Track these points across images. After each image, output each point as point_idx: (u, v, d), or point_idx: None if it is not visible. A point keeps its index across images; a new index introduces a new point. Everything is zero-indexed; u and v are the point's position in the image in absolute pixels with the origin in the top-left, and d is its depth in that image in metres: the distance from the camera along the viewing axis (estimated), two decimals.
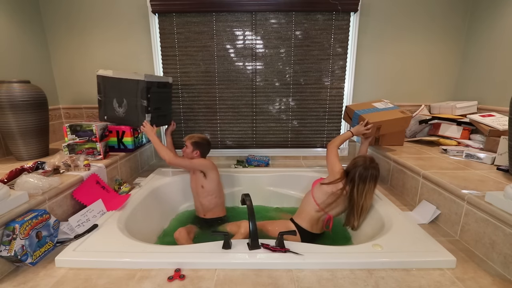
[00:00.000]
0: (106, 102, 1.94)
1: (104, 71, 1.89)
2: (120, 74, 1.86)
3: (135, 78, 1.81)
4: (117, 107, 1.91)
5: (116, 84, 1.87)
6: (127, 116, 1.91)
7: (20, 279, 1.02)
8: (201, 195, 1.85)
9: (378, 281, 0.99)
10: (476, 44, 2.29)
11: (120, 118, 1.93)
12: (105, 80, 1.90)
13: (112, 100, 1.91)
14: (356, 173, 1.47)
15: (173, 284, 0.99)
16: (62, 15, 2.34)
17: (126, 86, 1.85)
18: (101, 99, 1.95)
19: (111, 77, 1.87)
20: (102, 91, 1.93)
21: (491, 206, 1.12)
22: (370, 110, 1.91)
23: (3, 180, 1.31)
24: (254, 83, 2.44)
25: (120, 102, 1.90)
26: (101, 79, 1.90)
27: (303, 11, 2.26)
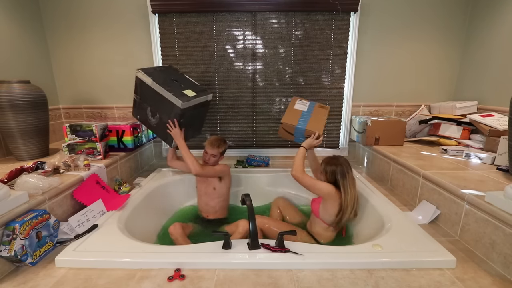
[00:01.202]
0: (141, 105, 1.81)
1: (144, 75, 1.71)
2: (158, 88, 1.68)
3: (171, 100, 1.66)
4: (150, 115, 1.79)
5: (152, 94, 1.71)
6: (158, 128, 1.81)
7: (20, 279, 1.02)
8: (210, 196, 1.84)
9: (378, 281, 0.99)
10: (476, 44, 2.29)
11: (151, 126, 1.84)
12: (143, 85, 1.73)
13: (147, 107, 1.79)
14: (339, 178, 1.46)
15: (173, 284, 0.99)
16: (62, 15, 2.33)
17: (162, 101, 1.70)
18: (137, 100, 1.83)
19: (148, 85, 1.70)
20: (139, 93, 1.79)
21: (491, 206, 1.12)
22: (304, 118, 1.78)
23: (3, 180, 1.31)
24: (254, 83, 2.44)
25: (154, 113, 1.77)
26: (139, 81, 1.75)
27: (303, 11, 2.27)
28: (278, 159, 2.55)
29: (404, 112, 2.55)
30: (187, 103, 1.66)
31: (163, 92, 1.67)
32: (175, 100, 1.64)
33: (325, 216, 1.50)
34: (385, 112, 2.55)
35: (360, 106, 2.53)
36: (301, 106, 1.87)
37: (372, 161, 2.24)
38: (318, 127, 1.73)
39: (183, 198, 2.07)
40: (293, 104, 1.86)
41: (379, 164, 2.09)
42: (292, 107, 1.84)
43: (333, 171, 1.48)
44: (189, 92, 1.75)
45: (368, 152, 2.31)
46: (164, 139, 1.86)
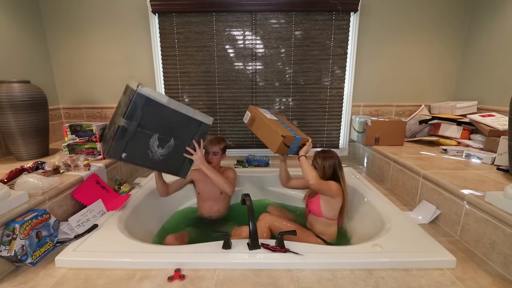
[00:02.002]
0: (137, 135, 1.27)
1: (152, 91, 1.24)
2: (179, 106, 1.33)
3: (198, 118, 1.39)
4: (155, 146, 1.33)
5: (167, 116, 1.31)
6: (166, 161, 1.39)
7: (20, 279, 1.02)
8: (216, 200, 1.79)
9: (378, 281, 0.99)
10: (476, 44, 2.29)
11: (151, 160, 1.36)
12: (149, 105, 1.25)
13: (151, 135, 1.31)
14: (338, 169, 1.52)
15: (173, 284, 0.99)
16: (62, 15, 2.33)
17: (182, 123, 1.37)
18: (127, 127, 1.23)
19: (164, 105, 1.28)
20: (137, 118, 1.24)
21: (491, 206, 1.12)
22: (286, 126, 1.66)
23: (3, 180, 1.31)
24: (254, 83, 2.44)
25: (164, 140, 1.35)
26: (142, 100, 1.22)
27: (303, 11, 2.27)
28: (278, 159, 2.53)
29: (404, 112, 2.55)
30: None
31: (186, 110, 1.35)
32: (203, 117, 1.41)
33: (329, 213, 1.51)
34: (385, 112, 2.55)
35: (360, 106, 2.53)
36: (270, 115, 1.70)
37: (372, 161, 2.24)
38: (302, 133, 1.70)
39: (182, 198, 2.07)
40: (264, 115, 1.63)
41: (379, 164, 2.09)
42: (268, 118, 1.62)
43: (332, 164, 1.51)
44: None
45: (368, 152, 2.31)
46: (175, 171, 1.46)
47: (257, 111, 1.66)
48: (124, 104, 1.26)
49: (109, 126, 1.44)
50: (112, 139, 1.24)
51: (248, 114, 1.69)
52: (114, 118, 1.39)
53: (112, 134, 1.27)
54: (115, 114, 1.41)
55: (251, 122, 1.67)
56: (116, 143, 1.24)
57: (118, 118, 1.26)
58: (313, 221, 1.58)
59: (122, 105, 1.29)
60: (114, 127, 1.27)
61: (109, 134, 1.35)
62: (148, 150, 1.33)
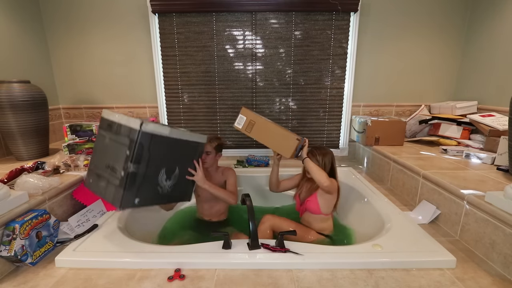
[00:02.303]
0: (147, 176, 1.17)
1: (154, 125, 1.12)
2: (179, 133, 1.26)
3: (194, 140, 1.38)
4: (164, 180, 1.27)
5: (171, 147, 1.25)
6: (174, 190, 1.35)
7: (20, 279, 1.02)
8: (217, 201, 1.73)
9: (378, 281, 0.99)
10: (476, 44, 2.29)
11: (162, 196, 1.30)
12: (156, 141, 1.15)
13: (159, 171, 1.23)
14: (334, 163, 1.57)
15: (173, 284, 0.99)
16: (62, 15, 2.33)
17: (184, 149, 1.34)
18: (137, 171, 1.11)
19: (167, 137, 1.20)
20: (144, 159, 1.13)
21: (491, 206, 1.12)
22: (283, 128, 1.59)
23: (3, 180, 1.31)
24: (254, 83, 2.44)
25: (170, 172, 1.29)
26: (148, 139, 1.11)
27: (303, 11, 2.27)
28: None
29: (404, 112, 2.55)
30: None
31: (185, 135, 1.30)
32: (199, 137, 1.39)
33: (327, 209, 1.54)
34: (385, 112, 2.55)
35: (360, 106, 2.53)
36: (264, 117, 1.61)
37: (372, 161, 2.24)
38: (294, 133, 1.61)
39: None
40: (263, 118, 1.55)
41: (379, 164, 2.09)
42: (270, 121, 1.55)
43: (330, 159, 1.54)
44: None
45: (368, 152, 2.31)
46: (183, 197, 1.44)
47: (254, 114, 1.56)
48: (121, 145, 1.10)
49: (97, 169, 1.20)
50: (122, 189, 1.08)
51: (243, 118, 1.55)
52: (102, 159, 1.18)
53: (117, 182, 1.10)
54: (101, 155, 1.19)
55: (248, 127, 1.55)
56: (128, 192, 1.10)
57: (118, 163, 1.10)
58: (310, 219, 1.58)
59: (116, 146, 1.12)
60: (117, 174, 1.11)
61: (110, 181, 1.13)
62: (157, 187, 1.25)
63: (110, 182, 1.13)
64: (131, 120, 1.10)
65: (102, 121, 1.21)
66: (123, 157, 1.09)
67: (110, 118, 1.17)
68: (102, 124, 1.21)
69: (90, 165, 1.23)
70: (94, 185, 1.20)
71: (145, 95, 2.49)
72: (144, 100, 2.50)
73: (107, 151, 1.16)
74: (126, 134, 1.10)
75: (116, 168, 1.11)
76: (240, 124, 1.56)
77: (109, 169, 1.14)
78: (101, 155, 1.19)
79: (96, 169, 1.20)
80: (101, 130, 1.20)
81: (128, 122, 1.11)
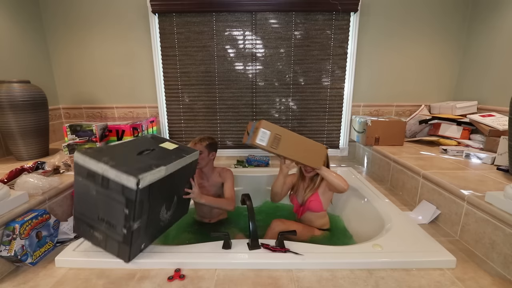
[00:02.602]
0: (149, 221, 1.09)
1: (150, 173, 0.99)
2: (174, 165, 1.13)
3: (190, 160, 1.27)
4: (165, 213, 1.21)
5: (168, 183, 1.15)
6: (174, 215, 1.29)
7: (20, 279, 1.02)
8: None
9: (378, 281, 0.99)
10: (476, 44, 2.29)
11: (164, 227, 1.25)
12: (154, 188, 1.04)
13: (160, 210, 1.16)
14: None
15: (173, 284, 0.99)
16: (62, 15, 2.33)
17: (180, 175, 1.23)
18: (140, 224, 1.03)
19: (164, 177, 1.08)
20: (145, 210, 1.04)
21: (491, 206, 1.12)
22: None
23: (3, 180, 1.31)
24: (254, 83, 2.44)
25: (170, 203, 1.23)
26: (146, 192, 1.00)
27: (303, 11, 2.27)
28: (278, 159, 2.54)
29: (404, 112, 2.55)
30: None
31: (180, 162, 1.18)
32: (192, 155, 1.27)
33: (327, 205, 1.59)
34: (385, 112, 2.55)
35: (360, 106, 2.53)
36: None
37: (372, 161, 2.24)
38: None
39: None
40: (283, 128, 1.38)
41: (379, 164, 2.09)
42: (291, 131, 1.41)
43: (326, 156, 1.53)
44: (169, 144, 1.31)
45: (368, 152, 2.31)
46: (180, 216, 1.39)
47: (276, 126, 1.32)
48: (116, 202, 0.98)
49: (86, 219, 1.08)
50: (128, 245, 1.02)
51: (267, 133, 1.29)
52: (91, 210, 1.05)
53: (120, 238, 1.02)
54: (89, 205, 1.05)
55: (274, 143, 1.30)
56: (134, 245, 1.04)
57: (116, 220, 1.00)
58: (312, 218, 1.58)
59: (108, 201, 0.99)
60: (118, 230, 1.01)
61: (109, 235, 1.04)
62: (160, 222, 1.19)
63: (109, 236, 1.03)
64: (121, 176, 0.93)
65: (78, 167, 1.02)
66: (121, 215, 0.98)
67: (90, 167, 0.98)
68: (79, 170, 1.02)
69: (74, 212, 1.07)
70: (88, 235, 1.09)
71: (145, 95, 2.49)
72: (144, 100, 2.50)
73: (95, 203, 1.02)
74: (118, 191, 0.95)
75: (115, 224, 1.01)
76: (263, 141, 1.28)
77: (105, 223, 1.02)
78: (89, 205, 1.04)
79: (85, 218, 1.07)
80: (80, 177, 1.02)
81: (118, 177, 0.94)
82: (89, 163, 0.99)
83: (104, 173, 0.96)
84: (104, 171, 0.96)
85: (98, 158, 0.98)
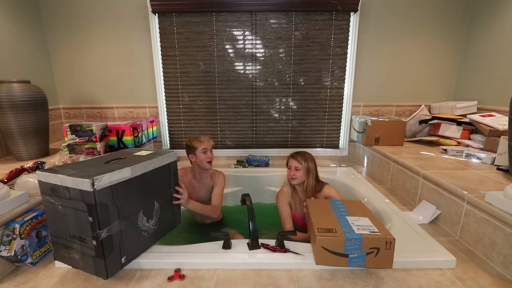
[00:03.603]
0: (124, 231, 1.01)
1: (109, 175, 0.94)
2: (143, 166, 1.08)
3: (166, 162, 1.21)
4: (145, 222, 1.12)
5: (139, 186, 1.07)
6: (160, 226, 1.21)
7: (20, 279, 1.02)
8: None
9: (378, 281, 0.99)
10: (476, 44, 2.29)
11: (149, 239, 1.15)
12: (119, 190, 0.98)
13: (137, 217, 1.08)
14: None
15: (173, 284, 0.99)
16: (62, 15, 2.33)
17: (156, 179, 1.17)
18: (111, 233, 0.96)
19: (130, 178, 1.02)
20: (113, 216, 0.97)
21: (491, 206, 1.12)
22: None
23: (3, 180, 1.31)
24: (254, 83, 2.44)
25: (150, 210, 1.14)
26: (108, 194, 0.94)
27: (303, 11, 2.27)
28: (278, 159, 2.55)
29: (404, 112, 2.55)
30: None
31: (151, 164, 1.12)
32: (167, 156, 1.22)
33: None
34: (385, 112, 2.55)
35: (360, 106, 2.53)
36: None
37: (372, 161, 2.24)
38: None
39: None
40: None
41: (379, 164, 2.09)
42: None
43: (313, 162, 1.52)
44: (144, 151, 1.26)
45: (368, 152, 2.31)
46: (172, 226, 1.31)
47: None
48: (79, 211, 0.92)
49: (60, 240, 1.00)
50: (102, 258, 0.94)
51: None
52: (62, 229, 0.98)
53: (92, 252, 0.94)
54: (59, 225, 0.99)
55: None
56: (109, 258, 0.96)
57: (84, 232, 0.94)
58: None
59: (73, 213, 0.94)
60: (88, 243, 0.94)
61: (83, 252, 0.97)
62: (142, 232, 1.10)
63: (84, 253, 0.97)
64: (77, 180, 0.89)
65: (42, 185, 0.97)
66: (87, 225, 0.92)
67: (50, 181, 0.95)
68: (43, 189, 0.97)
69: (50, 236, 1.02)
70: (67, 258, 1.01)
71: (145, 95, 2.49)
72: (144, 100, 2.50)
73: (64, 219, 0.96)
74: (78, 198, 0.91)
75: (85, 238, 0.95)
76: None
77: (77, 239, 0.96)
78: (59, 225, 0.98)
79: (60, 240, 1.00)
80: (46, 196, 0.97)
81: (75, 183, 0.90)
82: (50, 178, 0.95)
83: (63, 183, 0.92)
84: (62, 181, 0.92)
85: (57, 171, 0.95)
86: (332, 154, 2.58)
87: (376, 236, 0.98)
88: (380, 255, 0.97)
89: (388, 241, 0.96)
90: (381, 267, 1.02)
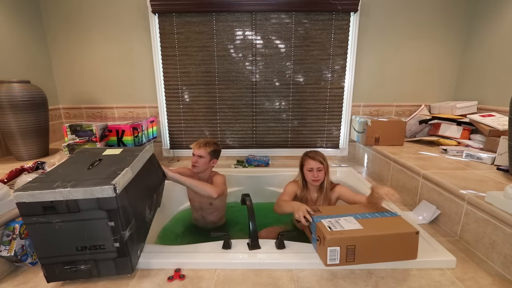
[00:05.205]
0: (139, 227, 1.07)
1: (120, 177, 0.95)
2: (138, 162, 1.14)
3: (147, 155, 1.28)
4: (149, 214, 1.20)
5: (140, 181, 1.12)
6: (155, 211, 1.30)
7: (20, 279, 1.02)
8: (207, 211, 1.70)
9: (378, 281, 0.99)
10: (476, 44, 2.29)
11: (148, 227, 1.20)
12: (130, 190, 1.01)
13: (144, 210, 1.15)
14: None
15: (173, 284, 0.99)
16: (62, 15, 2.33)
17: (146, 172, 1.22)
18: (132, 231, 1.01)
19: (134, 177, 1.07)
20: (132, 215, 1.01)
21: (491, 206, 1.12)
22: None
23: (3, 180, 1.31)
24: (254, 83, 2.44)
25: (151, 203, 1.22)
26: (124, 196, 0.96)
27: (303, 11, 2.27)
28: (278, 159, 2.55)
29: (404, 112, 2.55)
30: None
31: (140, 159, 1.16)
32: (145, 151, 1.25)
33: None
34: (385, 112, 2.55)
35: (360, 106, 2.53)
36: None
37: (372, 161, 2.24)
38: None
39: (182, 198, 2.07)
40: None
41: (379, 164, 2.09)
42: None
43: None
44: (112, 150, 1.28)
45: (368, 152, 2.31)
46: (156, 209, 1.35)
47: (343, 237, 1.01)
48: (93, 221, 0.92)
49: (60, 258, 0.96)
50: (127, 257, 0.98)
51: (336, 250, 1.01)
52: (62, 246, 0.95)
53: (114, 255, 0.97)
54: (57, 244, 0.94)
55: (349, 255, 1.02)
56: (132, 254, 1.01)
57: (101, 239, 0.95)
58: None
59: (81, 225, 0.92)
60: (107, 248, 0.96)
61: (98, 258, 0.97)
62: (146, 224, 1.17)
63: (99, 260, 0.97)
64: (93, 189, 0.88)
65: (26, 207, 0.88)
66: (107, 231, 0.93)
67: (44, 199, 0.87)
68: (31, 210, 0.88)
69: (40, 260, 0.94)
70: (71, 274, 0.98)
71: (145, 95, 2.49)
72: (144, 100, 2.50)
73: (65, 236, 0.93)
74: (93, 207, 0.90)
75: (102, 244, 0.95)
76: (335, 259, 1.02)
77: (88, 250, 0.95)
78: (57, 243, 0.94)
79: (58, 259, 0.95)
80: (35, 217, 0.89)
81: (89, 193, 0.88)
82: (43, 196, 0.87)
83: (69, 196, 0.88)
84: (67, 195, 0.87)
85: (49, 187, 0.88)
86: (332, 154, 2.59)
87: (323, 229, 1.04)
88: (320, 247, 1.05)
89: (322, 236, 1.03)
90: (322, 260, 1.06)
